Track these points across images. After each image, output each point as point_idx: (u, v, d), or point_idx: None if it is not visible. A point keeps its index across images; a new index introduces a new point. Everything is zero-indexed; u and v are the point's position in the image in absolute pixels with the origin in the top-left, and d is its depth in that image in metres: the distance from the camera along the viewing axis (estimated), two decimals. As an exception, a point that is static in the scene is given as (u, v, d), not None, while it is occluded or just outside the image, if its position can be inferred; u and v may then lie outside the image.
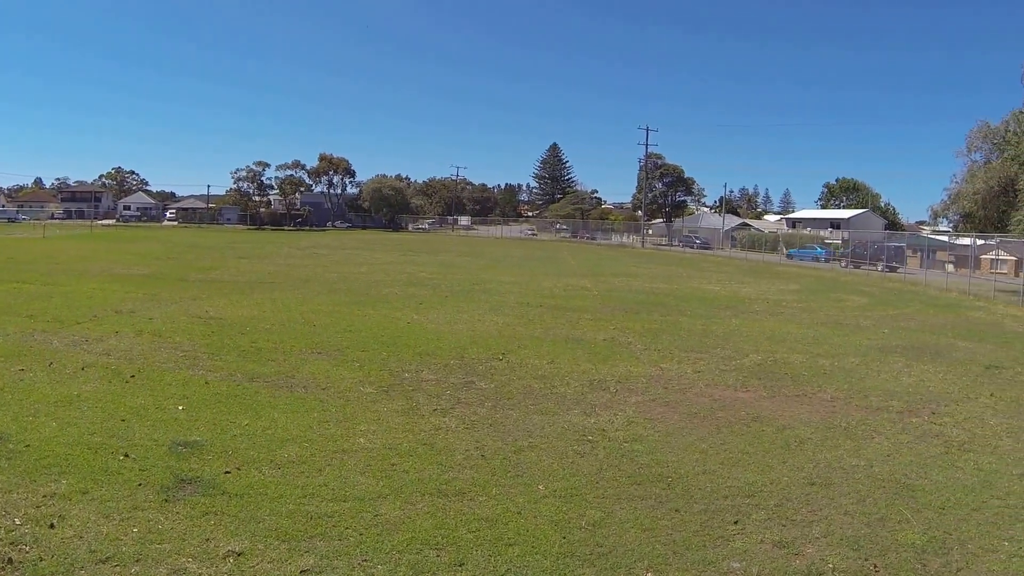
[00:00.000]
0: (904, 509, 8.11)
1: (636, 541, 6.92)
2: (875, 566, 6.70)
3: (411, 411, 11.03)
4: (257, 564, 6.11)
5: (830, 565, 6.66)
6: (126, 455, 8.57)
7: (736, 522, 7.51)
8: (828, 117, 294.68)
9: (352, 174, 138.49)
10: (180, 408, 10.63)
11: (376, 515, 7.12)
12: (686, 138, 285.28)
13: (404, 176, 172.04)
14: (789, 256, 76.63)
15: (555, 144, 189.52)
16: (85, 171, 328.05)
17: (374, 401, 11.52)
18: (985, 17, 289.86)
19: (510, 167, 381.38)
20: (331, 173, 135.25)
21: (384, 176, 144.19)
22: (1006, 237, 42.16)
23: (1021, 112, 37.27)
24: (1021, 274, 44.07)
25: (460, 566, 6.21)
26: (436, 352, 15.63)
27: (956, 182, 47.97)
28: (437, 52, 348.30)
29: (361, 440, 9.49)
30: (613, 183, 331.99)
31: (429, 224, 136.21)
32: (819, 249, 79.53)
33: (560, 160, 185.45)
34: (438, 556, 6.34)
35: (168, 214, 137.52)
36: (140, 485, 7.68)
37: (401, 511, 7.23)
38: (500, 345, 16.81)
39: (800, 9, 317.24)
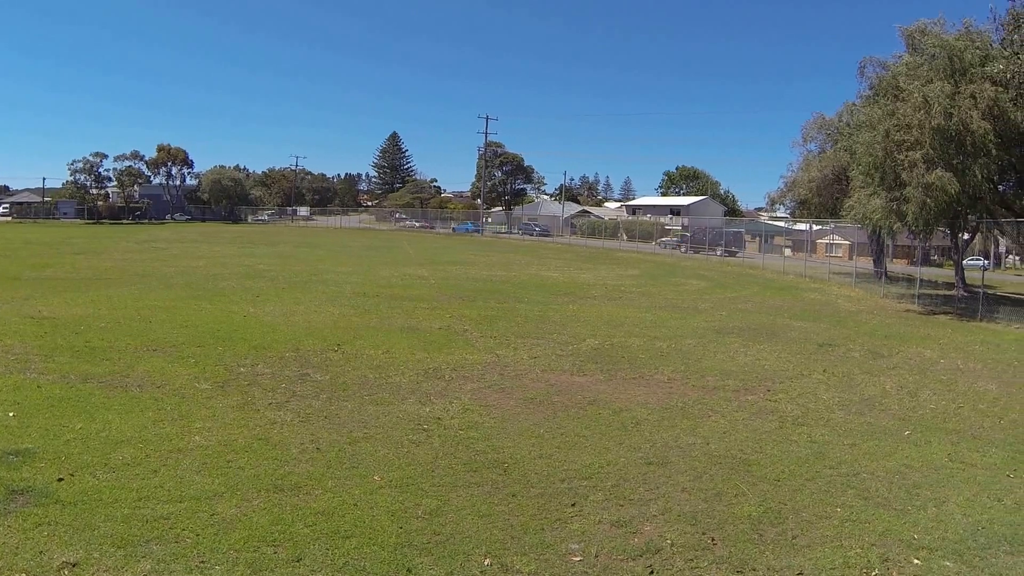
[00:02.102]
0: (740, 483, 8.55)
1: (473, 528, 7.05)
2: (712, 539, 7.03)
3: (246, 406, 10.99)
4: (93, 574, 5.97)
5: (668, 541, 6.93)
6: (-53, 470, 8.02)
7: (574, 504, 7.72)
8: (669, 106, 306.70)
9: (190, 165, 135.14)
10: (11, 415, 10.11)
11: (213, 514, 7.11)
12: (527, 126, 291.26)
13: (243, 167, 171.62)
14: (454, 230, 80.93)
15: (395, 133, 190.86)
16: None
17: (210, 397, 11.41)
18: (825, 11, 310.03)
19: (350, 157, 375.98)
20: (170, 164, 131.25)
21: (223, 167, 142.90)
22: (840, 223, 45.07)
23: (854, 105, 39.90)
24: (855, 257, 47.23)
25: (298, 561, 6.27)
26: (272, 345, 15.58)
27: (792, 170, 51.07)
28: (273, 28, 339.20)
29: (197, 438, 9.42)
30: (453, 172, 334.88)
31: (268, 215, 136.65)
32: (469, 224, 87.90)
33: (400, 149, 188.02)
34: (275, 552, 6.40)
35: (0, 209, 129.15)
36: (-33, 501, 7.23)
37: (238, 509, 7.24)
38: (336, 336, 16.91)
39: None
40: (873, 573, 6.51)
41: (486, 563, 6.38)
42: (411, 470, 8.52)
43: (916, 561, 6.75)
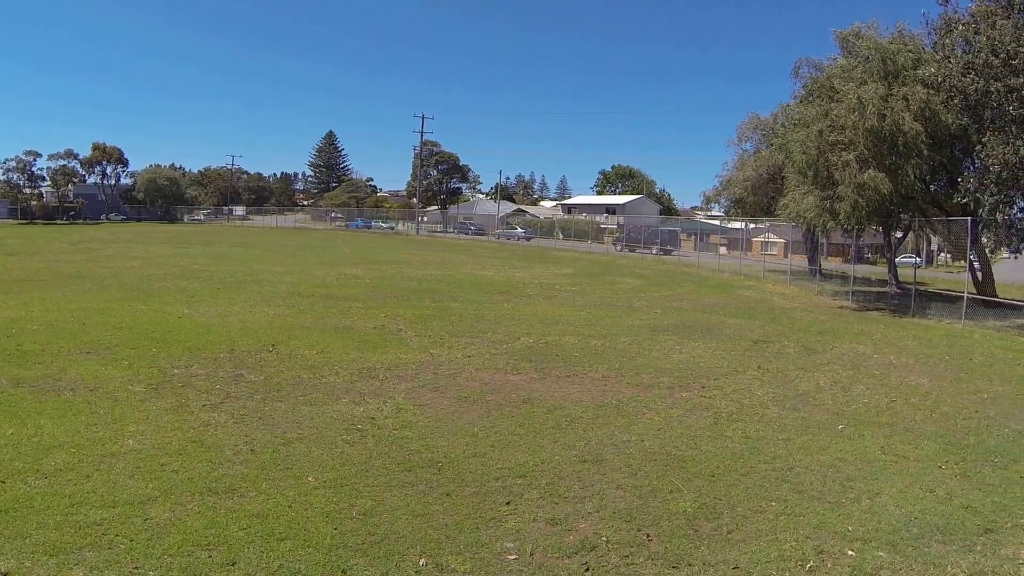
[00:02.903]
0: (675, 480, 8.63)
1: (408, 528, 7.05)
2: (648, 536, 7.08)
3: (181, 408, 10.89)
4: (27, 583, 5.83)
5: (604, 538, 6.98)
6: None
7: (508, 503, 7.75)
8: (606, 105, 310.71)
9: (126, 164, 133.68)
10: (-58, 422, 9.82)
11: (146, 519, 7.05)
12: (463, 125, 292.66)
13: (179, 166, 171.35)
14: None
15: (331, 132, 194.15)
16: None
17: (143, 400, 11.25)
18: (761, 15, 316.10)
19: (287, 156, 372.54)
20: (105, 163, 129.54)
21: (159, 166, 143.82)
22: (775, 221, 45.90)
23: (789, 105, 40.67)
24: (789, 255, 48.16)
25: (232, 565, 6.24)
26: (206, 346, 15.43)
27: (728, 170, 51.88)
28: (209, 25, 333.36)
29: (130, 442, 9.29)
30: (389, 171, 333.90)
31: (205, 215, 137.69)
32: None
33: (336, 148, 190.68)
34: (210, 556, 6.36)
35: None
36: None
37: (171, 513, 7.20)
38: (271, 336, 16.82)
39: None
40: (808, 565, 6.61)
41: (421, 563, 6.39)
42: (345, 470, 8.52)
43: (850, 552, 6.88)
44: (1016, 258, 31.40)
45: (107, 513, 7.10)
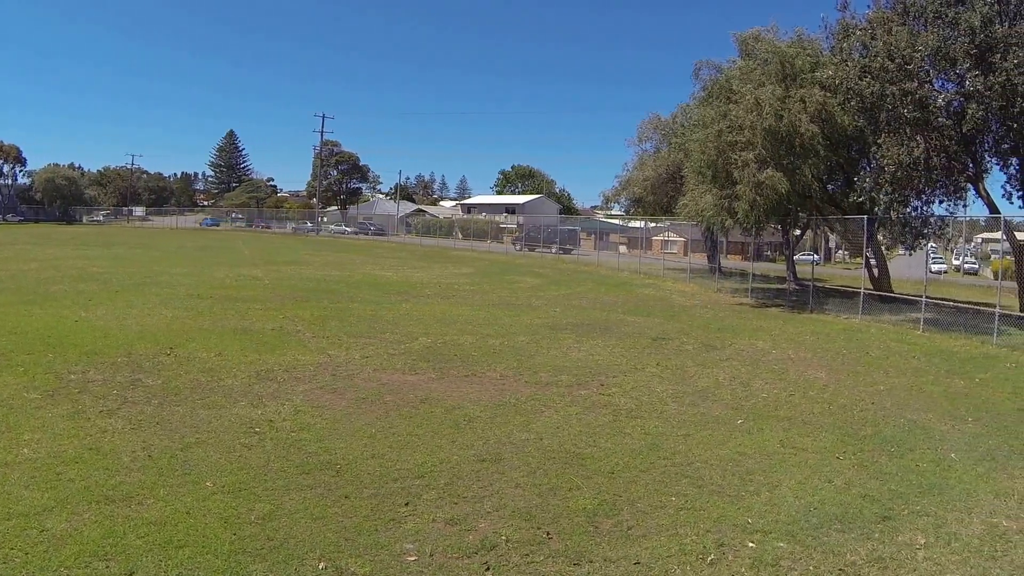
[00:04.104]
0: (575, 477, 8.66)
1: (307, 531, 7.01)
2: (548, 533, 7.09)
3: (77, 415, 10.55)
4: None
5: (503, 537, 6.98)
6: None
7: (407, 504, 7.72)
8: (506, 105, 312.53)
9: (23, 163, 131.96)
10: None
11: (42, 530, 6.88)
12: (364, 124, 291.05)
13: (78, 165, 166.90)
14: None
15: (232, 131, 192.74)
16: None
17: (39, 407, 10.85)
18: (662, 17, 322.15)
19: (187, 155, 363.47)
20: (1, 162, 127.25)
21: (57, 165, 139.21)
22: (675, 220, 46.76)
23: (688, 106, 41.62)
24: (689, 254, 49.14)
25: (131, 575, 6.17)
26: (103, 350, 14.96)
27: (628, 169, 52.85)
28: (108, 22, 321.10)
29: (25, 450, 8.99)
30: (289, 171, 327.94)
31: (104, 216, 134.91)
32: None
33: (237, 148, 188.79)
34: (107, 567, 6.25)
35: None
36: None
37: (68, 523, 7.04)
38: (169, 339, 16.43)
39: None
40: (709, 558, 6.69)
41: (321, 566, 6.35)
42: (244, 474, 8.41)
43: (751, 544, 7.00)
44: (911, 255, 32.76)
45: (1, 525, 6.90)
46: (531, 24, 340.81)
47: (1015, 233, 28.13)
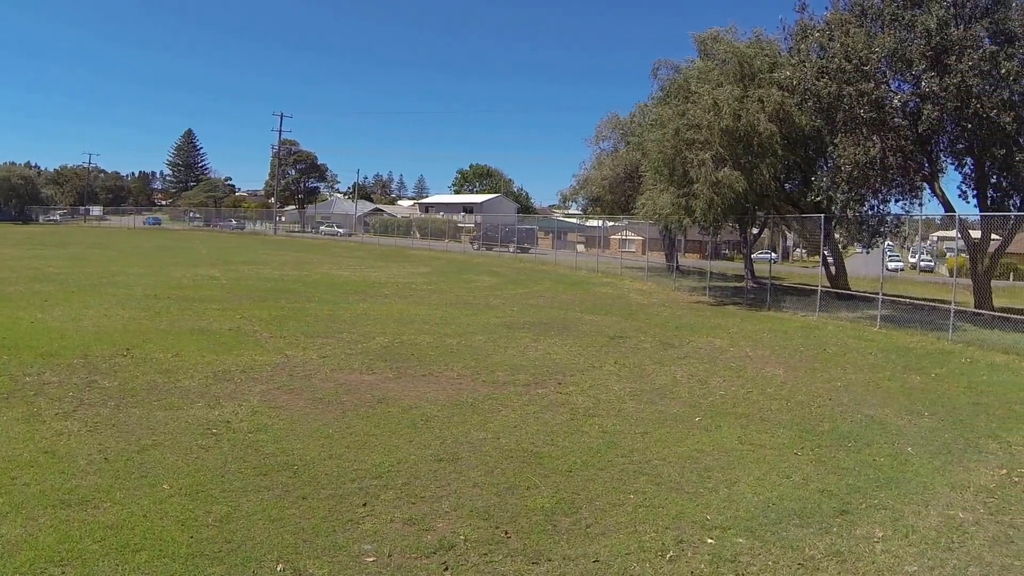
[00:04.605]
0: (532, 476, 8.64)
1: (265, 533, 6.94)
2: (506, 532, 7.08)
3: (32, 418, 10.38)
4: None
5: (462, 537, 6.96)
6: None
7: (365, 504, 7.68)
8: (465, 104, 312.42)
9: None
10: None
11: None
12: (322, 123, 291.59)
13: (34, 164, 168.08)
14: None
15: (190, 130, 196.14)
16: None
17: None
18: (622, 17, 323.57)
19: (145, 154, 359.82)
20: None
21: (13, 164, 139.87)
22: (633, 219, 47.00)
23: (646, 105, 41.83)
24: (647, 253, 49.41)
25: None
26: (60, 352, 14.74)
27: (586, 168, 53.10)
28: (65, 18, 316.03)
29: None
30: (247, 170, 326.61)
31: (61, 215, 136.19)
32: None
33: (195, 147, 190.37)
34: (63, 572, 6.19)
35: None
36: None
37: (23, 529, 6.93)
38: (125, 340, 16.21)
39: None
40: (668, 555, 6.70)
41: (279, 568, 6.31)
42: (201, 476, 8.33)
43: (710, 540, 7.03)
44: (868, 253, 33.24)
45: (-43, 532, 6.74)
46: (490, 23, 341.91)
47: (970, 231, 28.62)
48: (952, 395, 14.12)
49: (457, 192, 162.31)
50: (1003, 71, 22.11)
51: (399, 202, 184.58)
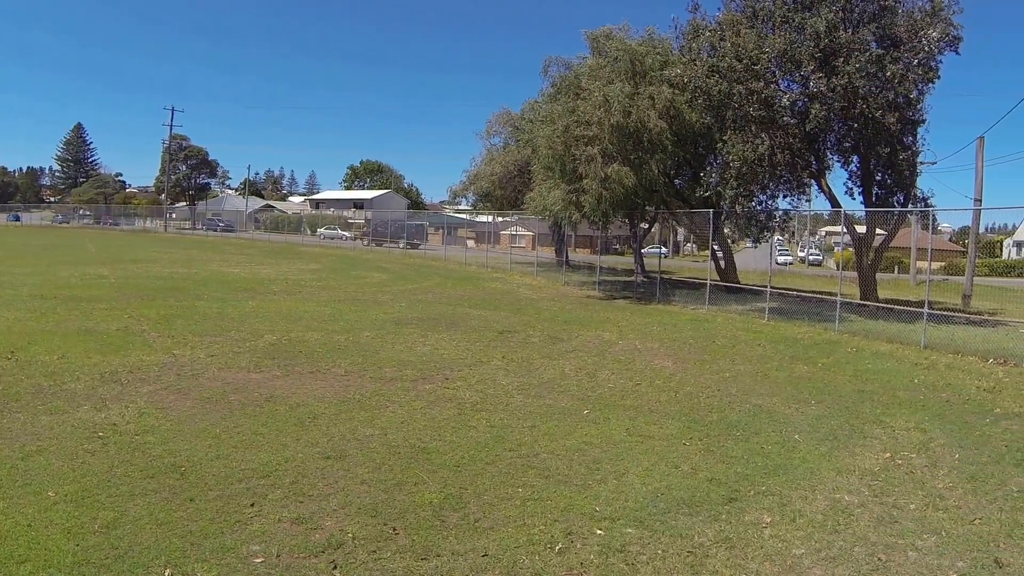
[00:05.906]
0: (420, 472, 8.58)
1: (152, 538, 6.75)
2: (395, 529, 7.01)
3: None
4: None
5: (350, 535, 6.88)
6: None
7: (253, 504, 7.55)
8: (355, 96, 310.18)
9: None
10: None
11: None
12: (213, 117, 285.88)
13: None
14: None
15: (79, 124, 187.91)
16: None
17: None
18: (511, 9, 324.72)
19: (33, 149, 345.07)
20: None
21: None
22: (523, 214, 47.29)
23: (536, 102, 42.02)
24: (537, 248, 49.82)
25: None
26: None
27: (476, 164, 53.23)
28: None
29: None
30: (138, 166, 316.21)
31: None
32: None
33: (84, 141, 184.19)
34: None
35: None
36: None
37: None
38: (9, 342, 15.51)
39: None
40: (557, 547, 6.71)
41: (167, 574, 6.15)
42: (87, 481, 8.03)
43: (599, 532, 7.07)
44: (757, 247, 34.08)
45: None
46: (379, 13, 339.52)
47: (855, 226, 29.77)
48: (838, 383, 14.60)
49: (348, 188, 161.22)
50: (888, 74, 23.09)
51: (290, 198, 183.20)
